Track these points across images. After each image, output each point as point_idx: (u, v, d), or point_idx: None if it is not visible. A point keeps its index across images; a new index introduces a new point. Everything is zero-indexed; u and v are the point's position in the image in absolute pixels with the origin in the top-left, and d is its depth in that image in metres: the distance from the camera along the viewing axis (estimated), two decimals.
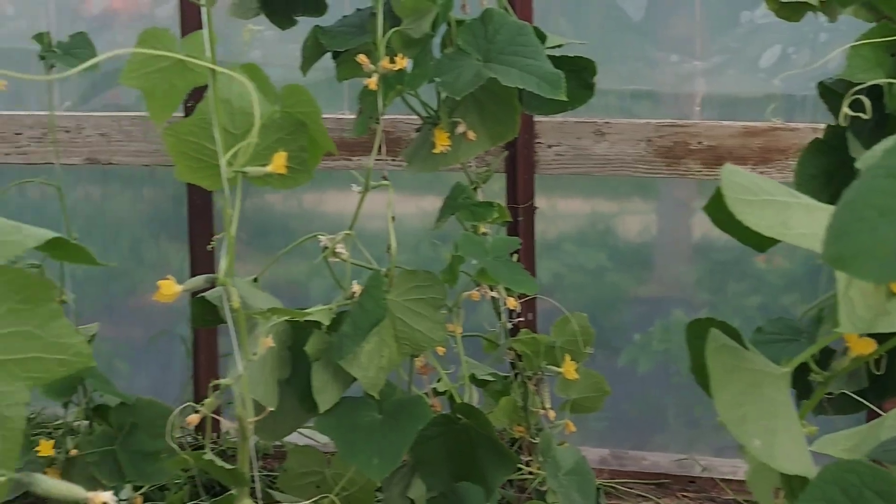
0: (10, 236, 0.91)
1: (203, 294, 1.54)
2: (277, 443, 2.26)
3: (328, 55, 1.83)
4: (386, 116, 1.67)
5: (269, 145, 1.38)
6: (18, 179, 2.22)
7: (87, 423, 1.82)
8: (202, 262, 2.41)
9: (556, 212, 2.57)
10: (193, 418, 1.27)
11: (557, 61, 1.68)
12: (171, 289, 1.26)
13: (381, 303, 1.54)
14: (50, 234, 0.93)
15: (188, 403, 1.24)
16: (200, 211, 2.46)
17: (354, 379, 1.55)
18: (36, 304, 0.96)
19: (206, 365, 2.44)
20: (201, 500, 2.10)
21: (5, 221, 0.93)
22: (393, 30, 1.66)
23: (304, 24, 1.84)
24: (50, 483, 0.88)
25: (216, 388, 1.28)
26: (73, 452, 1.76)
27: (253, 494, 1.28)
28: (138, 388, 1.96)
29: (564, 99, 1.61)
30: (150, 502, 2.02)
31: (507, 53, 1.66)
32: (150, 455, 1.73)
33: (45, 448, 1.68)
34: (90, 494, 0.87)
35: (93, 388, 1.82)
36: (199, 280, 1.32)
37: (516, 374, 1.84)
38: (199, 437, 2.27)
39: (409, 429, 1.49)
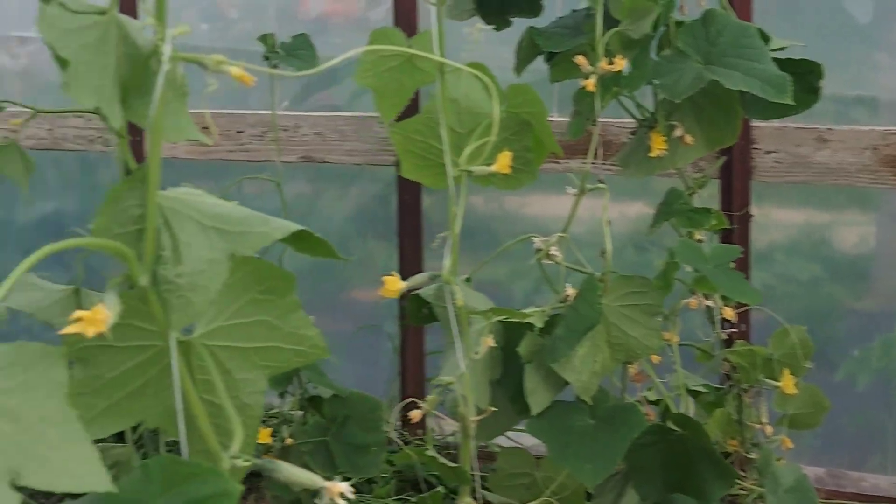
0: (258, 227, 0.94)
1: (418, 291, 1.55)
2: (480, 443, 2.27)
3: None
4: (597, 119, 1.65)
5: (493, 144, 1.39)
6: (240, 175, 2.31)
7: (301, 413, 1.87)
8: (410, 259, 2.45)
9: (768, 220, 2.48)
10: (416, 414, 1.28)
11: (781, 64, 1.62)
12: (395, 285, 1.28)
13: (595, 307, 1.52)
14: (295, 226, 0.96)
15: (411, 399, 1.25)
16: (409, 209, 2.50)
17: (566, 383, 1.53)
18: (277, 296, 0.99)
19: (412, 362, 2.48)
20: (407, 496, 2.12)
21: (254, 213, 0.96)
22: (612, 30, 1.64)
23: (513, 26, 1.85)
24: (290, 470, 0.90)
25: (438, 385, 1.29)
26: (289, 441, 1.81)
27: (473, 493, 1.28)
28: (344, 381, 2.00)
29: (791, 103, 1.56)
30: (357, 494, 2.06)
31: (730, 56, 1.61)
32: (361, 448, 1.76)
33: (264, 436, 1.73)
34: (328, 484, 0.89)
35: (307, 379, 1.87)
36: (423, 277, 1.34)
37: (731, 386, 1.78)
38: (405, 434, 2.31)
39: (624, 436, 1.47)
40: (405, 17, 2.44)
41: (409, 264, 2.42)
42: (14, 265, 0.74)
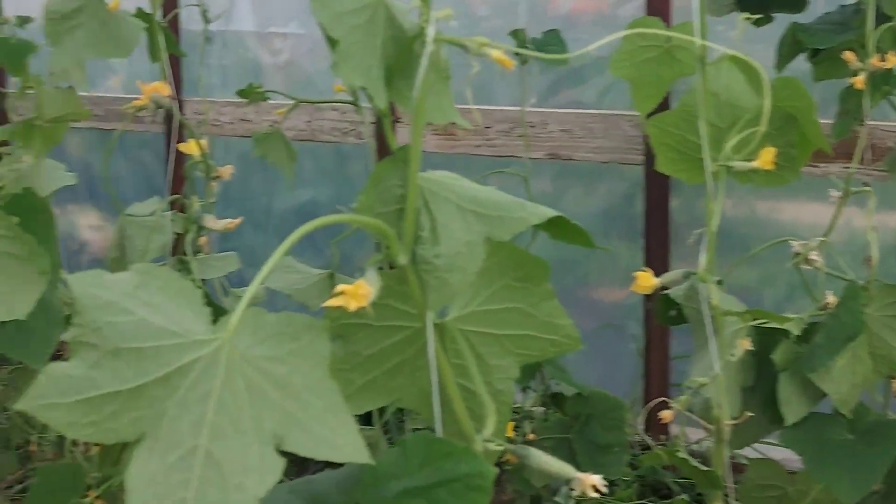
0: (515, 212, 0.93)
1: (667, 292, 1.52)
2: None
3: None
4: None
5: (755, 139, 1.33)
6: (485, 170, 2.33)
7: (542, 409, 1.86)
8: (656, 260, 2.40)
9: None
10: (666, 414, 1.25)
11: None
12: (648, 281, 1.25)
13: (858, 316, 1.44)
14: (552, 212, 0.94)
15: (661, 399, 1.21)
16: (657, 209, 2.45)
17: (823, 394, 1.46)
18: (531, 283, 0.98)
19: (657, 365, 2.42)
20: (649, 501, 2.08)
21: (511, 198, 0.95)
22: (885, 26, 1.56)
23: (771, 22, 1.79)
24: (543, 458, 0.88)
25: (688, 388, 1.25)
26: (531, 437, 1.80)
27: (725, 500, 1.23)
28: (584, 380, 1.98)
29: None
30: (598, 495, 2.03)
31: None
32: (603, 447, 1.73)
33: (508, 429, 1.73)
34: (580, 475, 0.86)
35: (550, 375, 1.86)
36: (677, 274, 1.30)
37: None
38: (647, 438, 2.26)
39: (885, 453, 1.38)
40: (658, 13, 2.39)
41: (655, 265, 2.36)
42: (272, 248, 0.75)
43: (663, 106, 1.55)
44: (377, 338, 0.92)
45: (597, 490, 0.86)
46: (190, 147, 1.55)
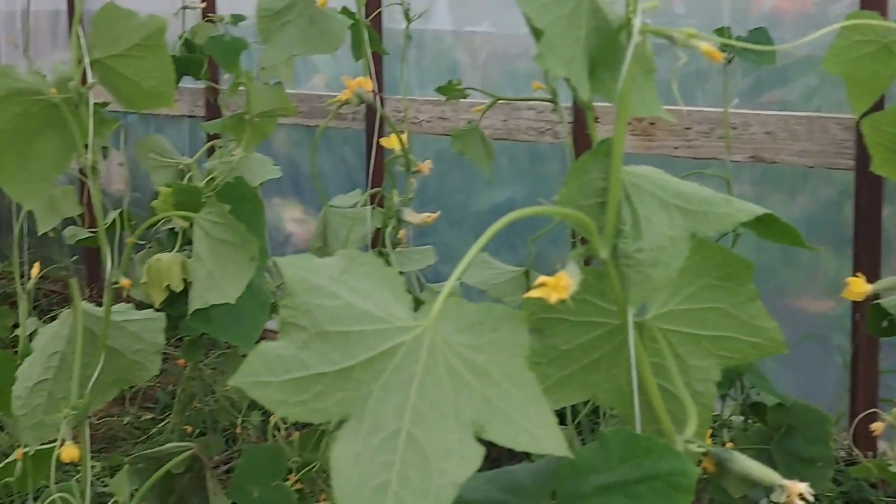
0: (721, 208, 0.90)
1: (879, 301, 1.45)
2: None
3: None
4: None
5: None
6: (682, 172, 2.27)
7: (741, 418, 1.81)
8: (866, 271, 2.29)
9: None
10: (879, 426, 1.19)
11: None
12: (860, 287, 1.20)
13: None
14: (760, 209, 0.90)
15: (873, 410, 1.16)
16: (868, 217, 2.34)
17: None
18: (734, 283, 0.95)
19: (864, 377, 2.31)
20: None
21: (716, 193, 0.92)
22: None
23: None
24: (746, 462, 0.85)
25: None
26: (729, 445, 1.75)
27: None
28: (784, 391, 1.90)
29: None
30: None
31: None
32: (806, 461, 1.66)
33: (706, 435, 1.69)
34: (787, 482, 0.83)
35: (750, 384, 1.80)
36: (892, 281, 1.24)
37: None
38: (852, 454, 2.16)
39: None
40: (875, 8, 2.28)
41: (865, 275, 2.27)
42: (468, 246, 0.75)
43: (878, 105, 1.48)
44: (575, 333, 0.91)
45: (803, 498, 0.82)
46: (391, 141, 1.57)
